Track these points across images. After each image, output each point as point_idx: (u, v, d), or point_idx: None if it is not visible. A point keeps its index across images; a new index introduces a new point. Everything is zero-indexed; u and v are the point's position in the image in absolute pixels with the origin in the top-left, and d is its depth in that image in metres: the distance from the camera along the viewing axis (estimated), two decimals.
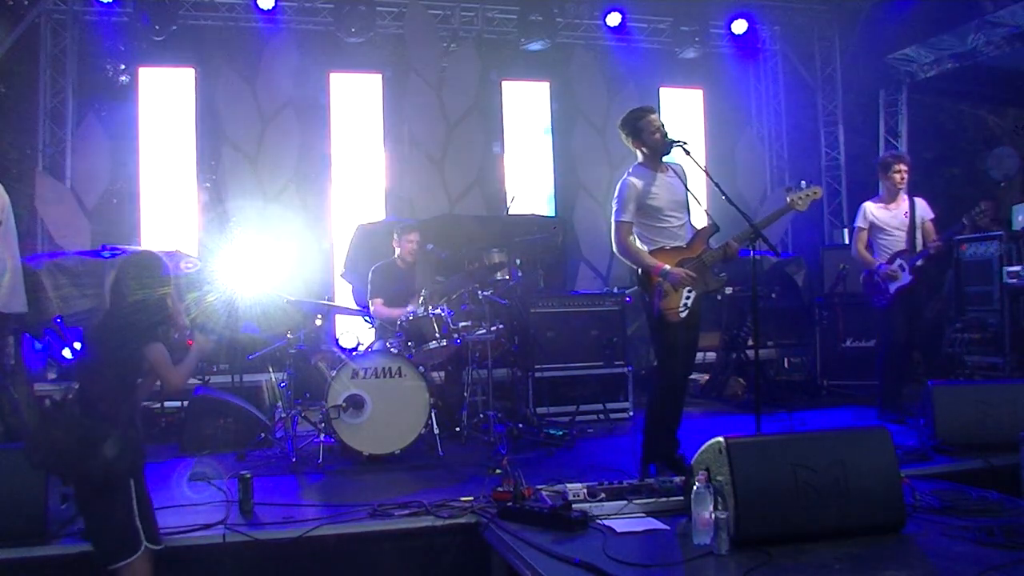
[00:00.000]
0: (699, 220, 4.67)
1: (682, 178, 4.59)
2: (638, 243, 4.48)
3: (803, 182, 4.71)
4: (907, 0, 8.44)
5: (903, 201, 6.09)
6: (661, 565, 3.12)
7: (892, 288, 5.96)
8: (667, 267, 4.32)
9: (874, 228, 6.11)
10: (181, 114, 8.89)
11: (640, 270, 4.45)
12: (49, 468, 3.45)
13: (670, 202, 4.48)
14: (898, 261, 5.99)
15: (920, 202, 6.09)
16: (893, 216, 6.07)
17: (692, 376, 5.07)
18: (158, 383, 3.51)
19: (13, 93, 8.44)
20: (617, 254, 4.53)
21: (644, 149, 4.52)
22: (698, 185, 7.02)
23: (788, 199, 4.56)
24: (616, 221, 4.46)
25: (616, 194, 4.48)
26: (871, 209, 6.15)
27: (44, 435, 3.41)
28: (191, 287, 3.96)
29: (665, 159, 4.56)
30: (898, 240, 6.04)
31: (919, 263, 5.94)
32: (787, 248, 10.03)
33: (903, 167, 6.07)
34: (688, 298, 4.38)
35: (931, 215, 6.10)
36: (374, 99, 9.41)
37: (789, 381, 8.29)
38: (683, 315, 4.36)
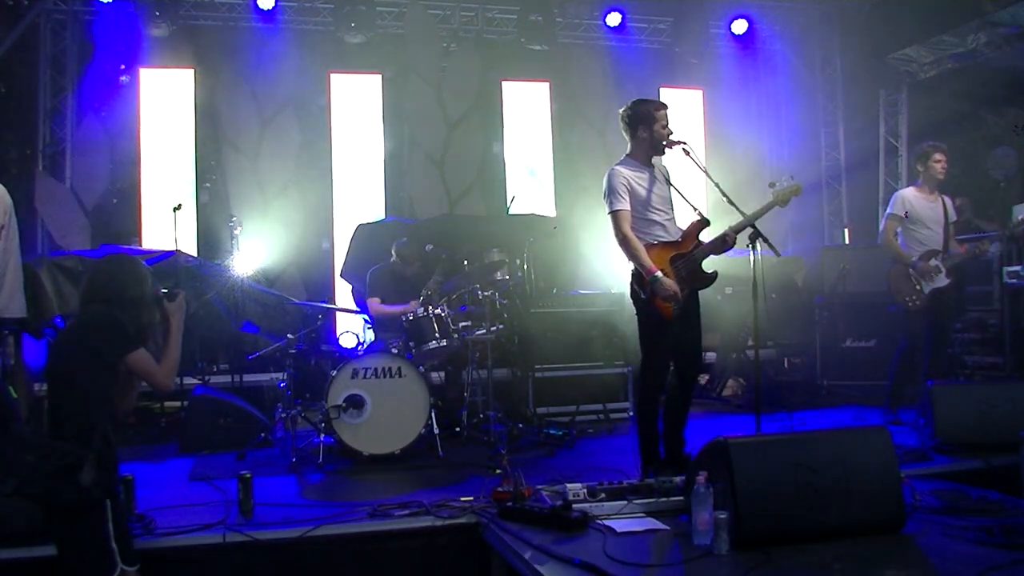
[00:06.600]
0: (685, 220, 4.62)
1: (667, 178, 4.60)
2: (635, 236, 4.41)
3: (784, 179, 4.53)
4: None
5: (938, 197, 5.81)
6: (661, 565, 3.12)
7: (927, 288, 5.69)
8: (659, 274, 4.28)
9: (910, 219, 5.76)
10: (181, 114, 8.90)
11: (635, 266, 4.42)
12: (23, 495, 3.15)
13: (657, 197, 4.48)
14: (934, 261, 5.71)
15: (949, 202, 5.85)
16: (931, 209, 5.77)
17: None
18: (144, 384, 3.35)
19: (13, 93, 8.43)
20: (618, 246, 4.44)
21: (643, 139, 4.49)
22: (696, 186, 7.04)
23: (772, 195, 4.48)
24: (613, 211, 4.42)
25: (605, 187, 4.46)
26: (910, 198, 5.81)
27: (15, 462, 3.10)
28: (191, 281, 3.89)
29: (654, 161, 4.56)
30: (935, 236, 5.74)
31: (956, 265, 5.71)
32: (787, 248, 10.02)
33: (943, 157, 5.76)
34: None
35: (955, 217, 5.91)
36: (374, 99, 9.41)
37: (789, 381, 8.29)
38: (675, 312, 4.35)
